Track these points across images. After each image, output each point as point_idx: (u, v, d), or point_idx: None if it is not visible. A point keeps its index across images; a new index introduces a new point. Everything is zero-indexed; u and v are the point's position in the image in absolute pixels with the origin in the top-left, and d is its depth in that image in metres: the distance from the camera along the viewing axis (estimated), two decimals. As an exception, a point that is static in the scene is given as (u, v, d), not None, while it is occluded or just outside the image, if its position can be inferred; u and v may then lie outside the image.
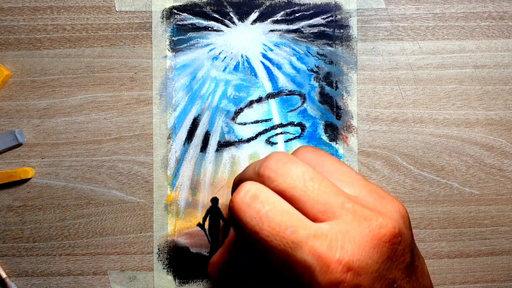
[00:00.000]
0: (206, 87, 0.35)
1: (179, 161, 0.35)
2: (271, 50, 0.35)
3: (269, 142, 0.35)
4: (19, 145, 0.35)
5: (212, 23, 0.35)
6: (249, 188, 0.26)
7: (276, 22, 0.35)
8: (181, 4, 0.35)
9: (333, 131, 0.35)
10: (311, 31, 0.35)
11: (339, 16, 0.35)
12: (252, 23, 0.35)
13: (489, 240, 0.35)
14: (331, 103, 0.35)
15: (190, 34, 0.35)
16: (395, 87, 0.35)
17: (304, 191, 0.26)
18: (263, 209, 0.25)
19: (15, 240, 0.35)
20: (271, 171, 0.26)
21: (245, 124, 0.35)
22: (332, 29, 0.35)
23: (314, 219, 0.25)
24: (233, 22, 0.35)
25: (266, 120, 0.35)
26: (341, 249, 0.24)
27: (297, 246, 0.24)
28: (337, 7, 0.35)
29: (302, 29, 0.35)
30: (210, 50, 0.35)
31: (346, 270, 0.24)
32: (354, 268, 0.24)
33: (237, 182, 0.29)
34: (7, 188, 0.35)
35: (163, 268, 0.35)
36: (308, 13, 0.35)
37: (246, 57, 0.35)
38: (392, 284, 0.25)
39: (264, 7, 0.35)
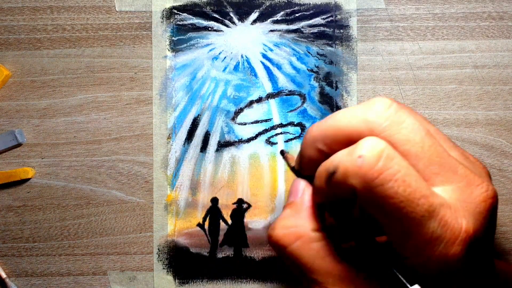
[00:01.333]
0: (206, 87, 0.35)
1: (179, 161, 0.35)
2: (271, 50, 0.35)
3: (269, 142, 0.35)
4: (19, 145, 0.35)
5: (212, 23, 0.35)
6: (380, 146, 0.22)
7: (276, 22, 0.35)
8: (181, 4, 0.35)
9: (333, 131, 0.35)
10: (311, 31, 0.35)
11: (339, 16, 0.35)
12: (252, 23, 0.35)
13: (489, 240, 0.35)
14: (331, 103, 0.35)
15: (190, 34, 0.35)
16: (395, 87, 0.35)
17: (421, 147, 0.23)
18: (399, 172, 0.22)
19: (15, 240, 0.35)
20: (384, 118, 0.23)
21: (245, 124, 0.35)
22: (332, 29, 0.35)
23: (426, 180, 0.23)
24: (233, 22, 0.35)
25: (266, 120, 0.35)
26: (465, 220, 0.22)
27: (430, 216, 0.22)
28: (337, 7, 0.35)
29: (302, 29, 0.35)
30: (210, 50, 0.35)
31: (469, 242, 0.22)
32: (475, 239, 0.22)
33: (328, 135, 0.24)
34: (7, 188, 0.35)
35: (163, 268, 0.35)
36: (308, 13, 0.35)
37: (246, 57, 0.35)
38: (487, 251, 0.23)
39: (264, 7, 0.35)
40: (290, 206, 0.27)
